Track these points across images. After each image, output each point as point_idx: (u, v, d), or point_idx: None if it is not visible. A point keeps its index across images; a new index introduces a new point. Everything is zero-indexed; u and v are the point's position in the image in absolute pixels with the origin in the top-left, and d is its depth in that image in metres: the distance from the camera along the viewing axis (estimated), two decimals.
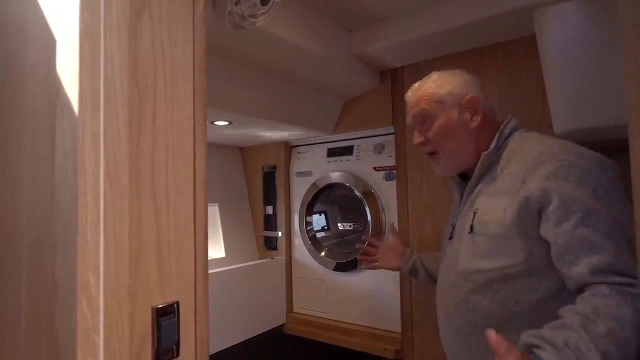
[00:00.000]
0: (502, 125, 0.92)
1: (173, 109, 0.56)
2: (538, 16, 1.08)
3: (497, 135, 0.89)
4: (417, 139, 0.96)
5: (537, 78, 1.20)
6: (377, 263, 1.24)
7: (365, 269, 1.26)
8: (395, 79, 1.58)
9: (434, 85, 0.94)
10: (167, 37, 0.56)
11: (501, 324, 0.79)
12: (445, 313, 0.91)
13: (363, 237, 1.32)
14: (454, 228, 0.95)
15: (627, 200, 0.72)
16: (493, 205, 0.83)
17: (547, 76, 1.09)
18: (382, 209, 1.67)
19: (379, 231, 1.67)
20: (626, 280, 0.66)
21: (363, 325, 1.69)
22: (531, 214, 0.77)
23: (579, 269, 0.70)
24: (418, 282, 1.26)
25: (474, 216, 0.86)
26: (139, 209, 0.51)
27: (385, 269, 1.26)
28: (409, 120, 1.00)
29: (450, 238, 0.95)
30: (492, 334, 0.60)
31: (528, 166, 0.80)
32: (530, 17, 1.10)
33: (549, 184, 0.75)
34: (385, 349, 1.55)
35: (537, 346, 0.64)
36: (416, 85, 1.00)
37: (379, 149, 1.70)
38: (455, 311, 0.88)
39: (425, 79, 0.99)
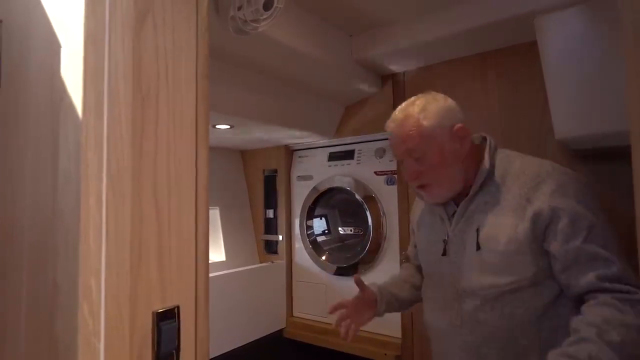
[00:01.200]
0: (487, 145, 0.92)
1: (175, 113, 0.56)
2: (539, 23, 1.09)
3: (487, 155, 0.90)
4: (411, 174, 0.91)
5: (538, 84, 1.21)
6: (353, 326, 1.04)
7: (350, 340, 1.03)
8: (397, 83, 1.59)
9: (422, 117, 0.88)
10: (171, 42, 0.57)
11: (511, 332, 0.83)
12: (450, 328, 0.91)
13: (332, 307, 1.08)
14: (446, 244, 0.94)
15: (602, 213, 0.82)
16: (500, 223, 0.85)
17: (549, 83, 1.10)
18: (383, 213, 1.66)
19: (380, 236, 1.67)
20: (625, 287, 0.74)
21: (363, 331, 1.66)
22: (539, 230, 0.81)
23: (588, 278, 0.77)
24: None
25: (477, 233, 0.87)
26: (141, 213, 0.51)
27: (363, 325, 1.06)
28: (397, 156, 0.94)
29: (444, 254, 0.94)
30: None
31: (528, 185, 0.85)
32: (531, 23, 1.10)
33: (555, 202, 0.80)
34: (385, 354, 1.54)
35: None
36: (399, 115, 0.92)
37: (380, 153, 1.70)
38: (462, 326, 0.88)
39: (407, 106, 0.92)
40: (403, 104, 0.94)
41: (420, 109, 0.90)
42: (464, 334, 0.88)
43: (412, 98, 0.94)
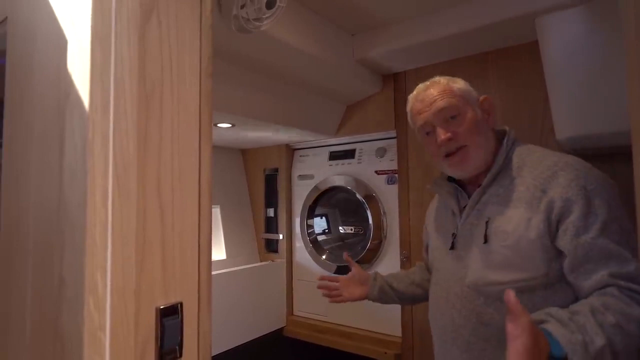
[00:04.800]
0: (507, 135, 0.90)
1: (179, 110, 0.57)
2: (541, 23, 1.09)
3: (504, 144, 0.88)
4: (444, 134, 0.87)
5: (539, 84, 1.21)
6: (341, 296, 1.17)
7: (332, 302, 1.19)
8: (398, 83, 1.59)
9: (451, 82, 0.91)
10: (175, 40, 0.57)
11: None
12: (451, 327, 0.88)
13: (345, 256, 1.23)
14: (454, 237, 0.92)
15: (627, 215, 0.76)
16: (511, 215, 0.81)
17: (550, 83, 1.10)
18: (384, 212, 1.67)
19: (380, 235, 1.67)
20: (637, 287, 0.69)
21: (363, 329, 1.68)
22: (553, 223, 0.77)
23: (598, 276, 0.72)
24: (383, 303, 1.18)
25: (486, 226, 0.84)
26: (145, 209, 0.51)
27: (352, 300, 1.18)
28: (425, 122, 0.91)
29: (452, 248, 0.92)
30: (510, 293, 0.61)
31: (544, 175, 0.81)
32: (532, 23, 1.11)
33: (570, 193, 0.76)
34: (385, 352, 1.55)
35: (544, 321, 0.66)
36: (423, 85, 0.94)
37: (381, 152, 1.70)
38: (464, 325, 0.85)
39: (435, 79, 0.94)
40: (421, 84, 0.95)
41: (447, 79, 0.92)
42: (465, 334, 0.84)
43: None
